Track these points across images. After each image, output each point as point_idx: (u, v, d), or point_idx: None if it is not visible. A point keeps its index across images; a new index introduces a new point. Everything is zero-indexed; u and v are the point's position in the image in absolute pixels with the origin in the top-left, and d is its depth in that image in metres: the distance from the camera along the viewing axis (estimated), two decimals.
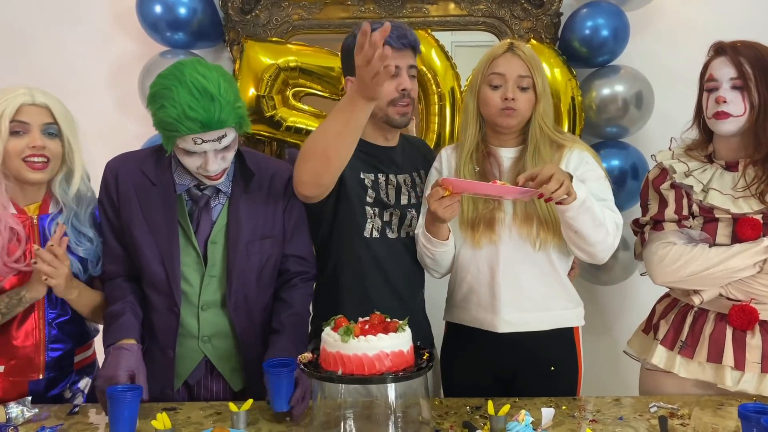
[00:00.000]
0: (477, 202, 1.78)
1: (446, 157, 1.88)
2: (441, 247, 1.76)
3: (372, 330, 1.40)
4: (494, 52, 1.80)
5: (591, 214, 1.63)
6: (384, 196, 1.85)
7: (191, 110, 1.51)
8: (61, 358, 1.74)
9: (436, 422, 1.53)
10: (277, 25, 2.58)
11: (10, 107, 1.62)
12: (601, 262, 1.75)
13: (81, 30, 2.68)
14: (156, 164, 1.71)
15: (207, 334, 1.71)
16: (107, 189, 1.72)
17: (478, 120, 1.82)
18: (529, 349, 1.79)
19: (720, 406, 1.61)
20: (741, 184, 1.67)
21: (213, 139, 1.57)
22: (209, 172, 1.61)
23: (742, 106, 1.65)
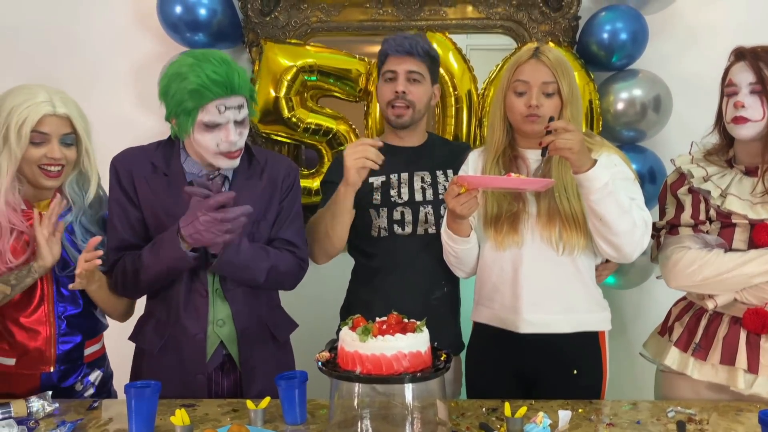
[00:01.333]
0: (501, 203, 1.79)
1: (473, 160, 1.90)
2: (463, 245, 1.78)
3: (390, 330, 1.40)
4: (519, 58, 1.81)
5: (615, 199, 1.63)
6: (395, 195, 1.91)
7: (215, 74, 1.60)
8: (71, 351, 1.76)
9: (453, 423, 1.53)
10: (295, 27, 2.59)
11: (32, 117, 1.65)
12: (629, 258, 1.72)
13: (103, 30, 2.71)
14: (164, 156, 1.76)
15: (221, 318, 1.75)
16: (121, 183, 1.74)
17: (504, 125, 1.83)
18: (551, 351, 1.78)
19: (739, 412, 1.60)
20: (759, 190, 1.67)
21: (234, 107, 1.65)
22: (231, 145, 1.66)
23: (761, 111, 1.65)
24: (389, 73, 1.92)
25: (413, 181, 1.94)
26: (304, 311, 2.04)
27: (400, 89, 1.89)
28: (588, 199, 1.64)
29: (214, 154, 1.68)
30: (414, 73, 1.90)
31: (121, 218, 1.75)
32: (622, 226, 1.65)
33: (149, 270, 1.68)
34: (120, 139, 2.61)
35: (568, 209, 1.74)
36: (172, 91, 1.63)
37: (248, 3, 2.56)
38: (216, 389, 1.78)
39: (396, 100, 1.90)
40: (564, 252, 1.75)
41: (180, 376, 1.72)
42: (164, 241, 1.66)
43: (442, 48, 2.52)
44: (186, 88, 1.60)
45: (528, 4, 2.55)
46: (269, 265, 1.75)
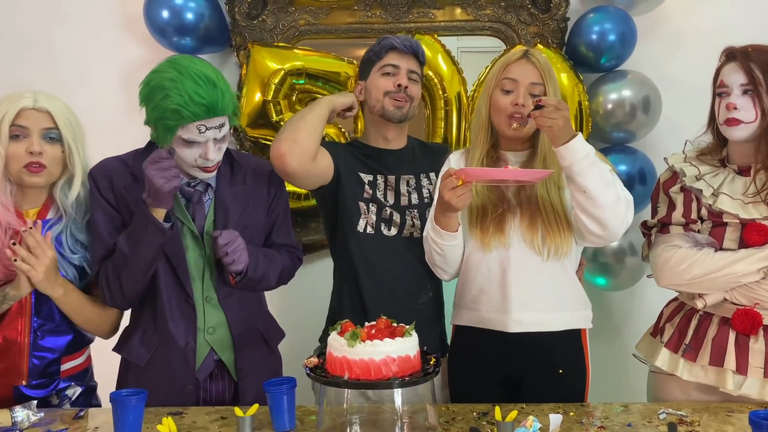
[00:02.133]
0: (486, 204, 1.78)
1: (455, 161, 1.90)
2: (450, 240, 1.76)
3: (378, 335, 1.39)
4: (509, 57, 1.82)
5: (599, 169, 1.63)
6: (381, 197, 1.90)
7: (198, 96, 1.56)
8: (46, 366, 1.73)
9: (443, 428, 1.52)
10: (283, 30, 2.58)
11: (10, 111, 1.64)
12: (614, 236, 1.71)
13: (90, 35, 2.70)
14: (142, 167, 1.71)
15: (211, 325, 1.74)
16: (102, 192, 1.71)
17: (488, 126, 1.83)
18: (538, 350, 1.78)
19: (729, 413, 1.59)
20: (752, 190, 1.66)
21: (215, 126, 1.63)
22: (208, 161, 1.65)
23: (753, 112, 1.64)
24: (390, 68, 1.90)
25: (399, 184, 1.93)
26: (290, 318, 2.03)
27: (404, 82, 1.88)
28: (571, 171, 1.63)
29: (191, 167, 1.67)
30: (414, 73, 1.92)
31: (107, 225, 1.72)
32: (606, 197, 1.64)
33: (129, 260, 1.64)
34: (107, 145, 2.59)
35: (551, 212, 1.75)
36: (153, 104, 1.60)
37: (235, 6, 2.55)
38: (205, 396, 1.77)
39: (397, 93, 1.88)
40: (549, 257, 1.75)
41: (168, 387, 1.70)
42: (135, 221, 1.64)
43: (431, 50, 2.51)
44: (168, 106, 1.56)
45: (516, 5, 2.55)
46: (280, 269, 1.80)
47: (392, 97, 1.88)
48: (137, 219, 1.64)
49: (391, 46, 1.91)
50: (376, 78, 1.92)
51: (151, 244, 1.64)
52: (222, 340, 1.75)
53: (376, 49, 1.93)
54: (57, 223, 1.72)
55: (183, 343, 1.71)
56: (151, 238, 1.62)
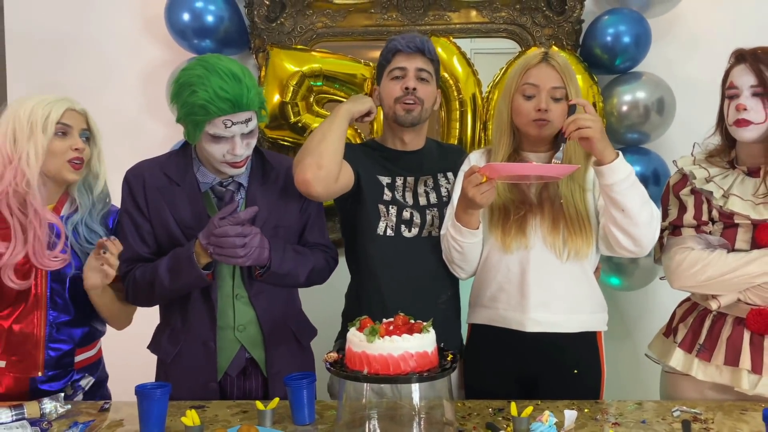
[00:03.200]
0: (509, 205, 1.79)
1: (476, 161, 1.91)
2: (471, 238, 1.77)
3: (397, 331, 1.42)
4: (528, 61, 1.81)
5: (639, 189, 1.64)
6: (401, 198, 1.91)
7: (222, 91, 1.60)
8: (61, 357, 1.77)
9: (460, 423, 1.55)
10: (301, 33, 2.62)
11: (56, 110, 1.71)
12: (645, 250, 1.72)
13: (111, 37, 2.75)
14: (177, 166, 1.78)
15: (242, 323, 1.78)
16: (134, 196, 1.77)
17: (511, 129, 1.83)
18: (554, 351, 1.80)
19: (744, 411, 1.61)
20: (762, 190, 1.68)
21: (241, 121, 1.66)
22: (236, 157, 1.68)
23: (763, 113, 1.66)
24: (398, 71, 1.88)
25: (417, 185, 1.94)
26: (316, 313, 2.05)
27: (411, 85, 1.86)
28: (612, 191, 1.63)
29: (220, 163, 1.71)
30: (423, 71, 1.88)
31: (132, 232, 1.77)
32: (643, 216, 1.66)
33: (164, 284, 1.70)
34: (128, 145, 2.66)
35: (573, 214, 1.75)
36: (181, 100, 1.66)
37: (254, 9, 2.59)
38: (238, 394, 1.80)
39: (406, 96, 1.86)
40: (569, 258, 1.76)
41: (192, 384, 1.74)
42: (181, 260, 1.68)
43: (446, 52, 2.54)
44: (194, 101, 1.62)
45: (531, 8, 2.58)
46: (310, 267, 1.81)
47: (402, 102, 1.87)
48: (184, 259, 1.67)
49: (396, 49, 1.88)
50: (386, 83, 1.91)
51: (190, 285, 1.71)
52: (252, 337, 1.79)
53: (384, 52, 1.93)
54: (72, 216, 1.78)
55: (204, 341, 1.75)
56: (192, 281, 1.68)
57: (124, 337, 1.95)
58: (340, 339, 1.95)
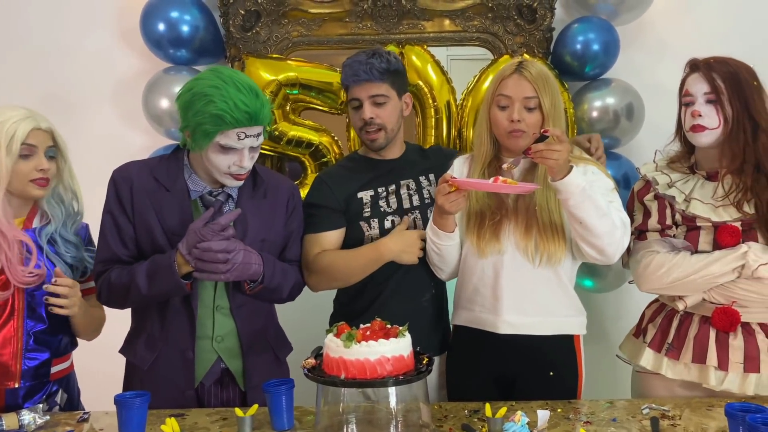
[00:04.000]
0: (485, 211, 1.84)
1: (459, 166, 1.96)
2: (447, 241, 1.83)
3: (373, 336, 1.45)
4: (503, 72, 1.85)
5: (594, 202, 1.68)
6: (384, 205, 1.95)
7: (242, 104, 1.62)
8: (38, 368, 1.78)
9: (436, 425, 1.58)
10: (277, 42, 2.64)
11: (21, 131, 1.71)
12: (612, 259, 1.76)
13: (88, 47, 2.75)
14: (168, 171, 1.78)
15: (220, 334, 1.78)
16: (119, 197, 1.75)
17: (491, 137, 1.88)
18: (530, 352, 1.84)
19: (710, 408, 1.66)
20: (720, 193, 1.74)
21: (254, 135, 1.68)
22: (242, 169, 1.70)
23: (717, 119, 1.73)
24: (354, 102, 1.94)
25: (400, 190, 1.98)
26: (294, 326, 2.07)
27: (367, 116, 1.90)
28: (567, 205, 1.69)
29: (223, 174, 1.71)
30: (376, 96, 1.91)
31: (113, 233, 1.76)
32: (601, 227, 1.70)
33: (141, 290, 1.70)
34: (104, 156, 2.65)
35: (547, 220, 1.80)
36: (194, 109, 1.64)
37: (230, 19, 2.60)
38: (215, 403, 1.81)
39: (366, 126, 1.92)
40: (541, 263, 1.80)
41: (169, 392, 1.74)
42: (160, 267, 1.68)
43: (420, 60, 2.58)
44: (210, 111, 1.61)
45: (503, 16, 2.62)
46: (293, 283, 1.85)
47: (365, 132, 1.93)
48: (164, 267, 1.66)
49: (346, 84, 1.95)
50: (350, 112, 1.99)
51: (168, 293, 1.72)
52: (230, 348, 1.79)
53: (341, 82, 1.99)
54: (44, 229, 1.80)
55: (182, 349, 1.76)
56: (170, 289, 1.69)
57: (93, 346, 1.96)
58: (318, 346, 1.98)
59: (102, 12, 2.73)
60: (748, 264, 1.67)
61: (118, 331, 1.91)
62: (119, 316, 1.89)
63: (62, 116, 2.66)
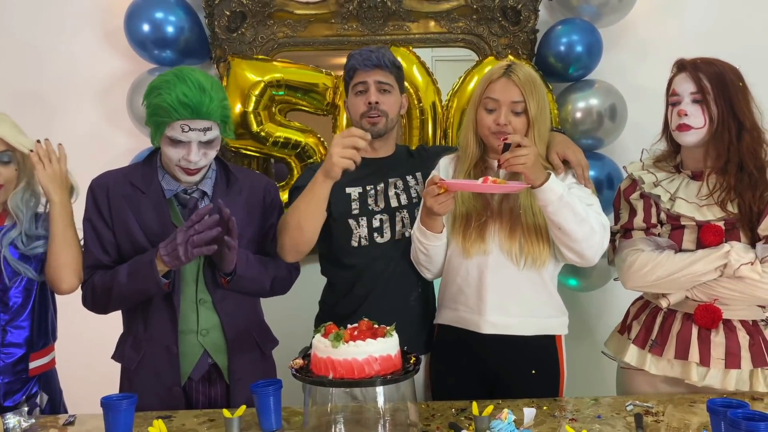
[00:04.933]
0: (471, 212, 1.85)
1: (444, 166, 1.97)
2: (435, 241, 1.84)
3: (361, 336, 1.46)
4: (492, 75, 1.86)
5: (572, 209, 1.70)
6: (372, 204, 1.96)
7: (184, 96, 1.67)
8: (15, 363, 1.77)
9: (424, 424, 1.59)
10: (262, 43, 2.64)
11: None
12: (591, 262, 1.79)
13: (71, 48, 2.73)
14: (143, 175, 1.82)
15: (205, 327, 1.80)
16: (97, 204, 1.80)
17: (477, 138, 1.89)
18: (512, 352, 1.85)
19: (692, 404, 1.69)
20: (705, 193, 1.77)
21: (199, 129, 1.71)
22: (190, 163, 1.73)
23: (702, 118, 1.75)
24: (360, 86, 1.95)
25: (388, 189, 1.99)
26: (282, 324, 2.07)
27: (373, 99, 1.92)
28: (546, 211, 1.72)
29: (175, 167, 1.76)
30: (383, 83, 1.94)
31: (93, 240, 1.81)
32: (579, 233, 1.73)
33: (122, 288, 1.74)
34: (89, 157, 2.63)
35: (531, 223, 1.82)
36: (148, 102, 1.73)
37: (215, 19, 2.60)
38: (203, 400, 1.82)
39: (369, 111, 1.93)
40: (526, 265, 1.82)
41: (157, 389, 1.76)
42: (141, 264, 1.72)
43: (406, 62, 2.59)
44: (157, 102, 1.69)
45: (488, 18, 2.64)
46: (274, 274, 1.86)
47: (367, 117, 1.94)
48: (145, 263, 1.71)
49: (354, 67, 1.95)
50: (351, 98, 1.99)
51: (147, 290, 1.74)
52: (216, 342, 1.82)
53: (346, 69, 2.00)
54: (11, 230, 1.80)
55: (166, 345, 1.77)
56: (149, 286, 1.72)
57: (78, 346, 1.95)
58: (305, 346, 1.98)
59: (86, 12, 2.72)
60: (730, 263, 1.70)
61: (103, 332, 1.91)
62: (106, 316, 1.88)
63: (46, 117, 2.68)
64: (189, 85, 1.68)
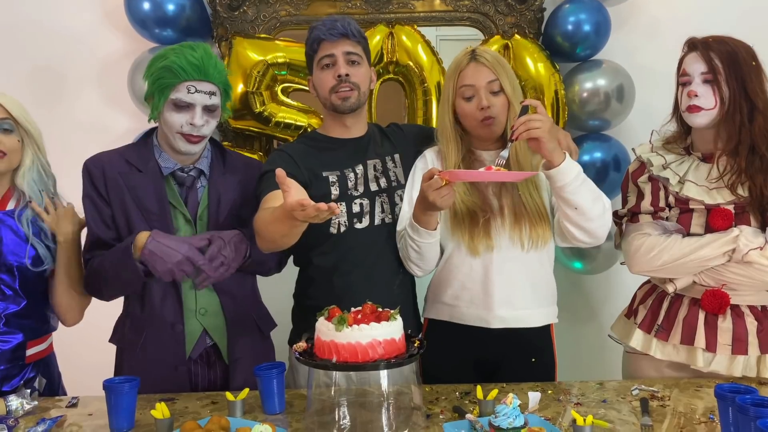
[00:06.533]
0: (475, 209, 1.80)
1: (431, 159, 1.91)
2: (428, 238, 1.77)
3: (364, 319, 1.45)
4: (459, 64, 1.82)
5: (589, 186, 1.69)
6: (352, 188, 1.88)
7: (192, 57, 1.71)
8: (12, 351, 1.76)
9: (427, 407, 1.58)
10: (264, 21, 2.60)
11: None
12: (600, 240, 1.78)
13: (71, 27, 2.69)
14: (139, 153, 1.82)
15: (203, 306, 1.80)
16: (94, 182, 1.79)
17: (456, 133, 1.85)
18: (516, 343, 1.84)
19: (699, 388, 1.67)
20: (714, 175, 1.74)
21: (204, 92, 1.74)
22: (193, 128, 1.73)
23: (713, 99, 1.72)
24: (326, 59, 1.84)
25: (367, 171, 1.92)
26: (279, 307, 2.06)
27: (342, 72, 1.82)
28: (563, 191, 1.67)
29: (176, 134, 1.75)
30: (352, 54, 1.84)
31: (94, 216, 1.79)
32: (596, 210, 1.71)
33: (108, 274, 1.74)
34: (89, 137, 2.61)
35: (532, 204, 1.79)
36: (152, 69, 1.74)
37: None
38: (201, 382, 1.81)
39: (339, 84, 1.83)
40: (532, 248, 1.80)
41: (160, 369, 1.75)
42: (119, 250, 1.72)
43: (411, 40, 2.55)
44: (163, 64, 1.72)
45: None
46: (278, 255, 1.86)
47: (337, 91, 1.84)
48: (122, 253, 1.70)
49: (319, 38, 1.84)
50: (317, 73, 1.88)
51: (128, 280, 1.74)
52: (215, 323, 1.81)
53: (309, 42, 1.89)
54: (23, 213, 1.78)
55: (170, 324, 1.77)
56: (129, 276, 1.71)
57: (77, 331, 1.94)
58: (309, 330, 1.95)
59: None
60: (739, 248, 1.67)
61: (102, 315, 1.90)
62: None
63: (45, 98, 2.65)
64: (196, 49, 1.73)
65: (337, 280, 1.87)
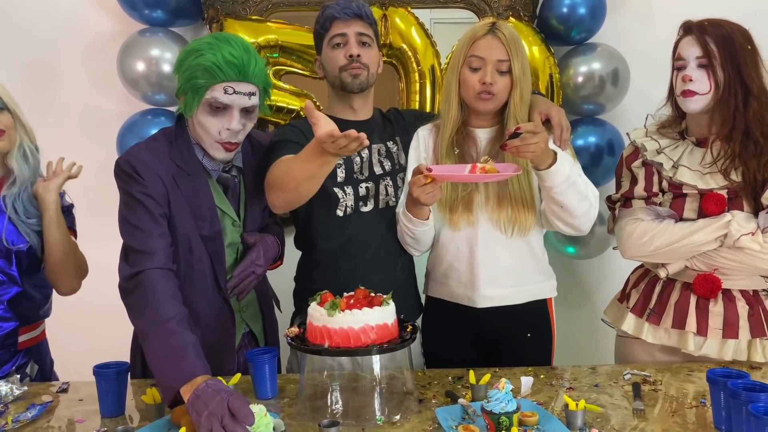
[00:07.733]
0: (456, 185, 1.81)
1: (424, 138, 1.91)
2: (422, 227, 1.80)
3: (357, 304, 1.44)
4: (476, 33, 1.80)
5: (576, 188, 1.69)
6: (357, 172, 1.88)
7: (231, 56, 1.58)
8: (5, 337, 1.75)
9: (420, 392, 1.58)
10: (256, 3, 2.57)
11: None
12: (584, 232, 1.80)
13: (58, 8, 2.65)
14: (182, 154, 1.68)
15: (244, 304, 1.81)
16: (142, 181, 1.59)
17: (458, 101, 1.83)
18: (507, 319, 1.85)
19: (690, 372, 1.68)
20: (708, 160, 1.73)
21: (243, 93, 1.62)
22: (232, 134, 1.63)
23: (708, 84, 1.70)
24: (338, 38, 1.84)
25: (372, 154, 1.92)
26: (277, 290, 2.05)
27: (354, 52, 1.82)
28: (550, 191, 1.68)
29: (213, 142, 1.64)
30: (364, 35, 1.85)
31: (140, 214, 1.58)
32: (580, 209, 1.72)
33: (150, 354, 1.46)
34: (77, 121, 2.58)
35: (518, 190, 1.79)
36: (186, 65, 1.61)
37: None
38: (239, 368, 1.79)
39: (350, 63, 1.83)
40: (514, 233, 1.80)
41: None
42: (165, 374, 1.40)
43: (404, 23, 2.52)
44: (200, 64, 1.58)
45: None
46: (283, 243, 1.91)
47: (348, 69, 1.83)
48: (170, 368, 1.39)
49: (333, 17, 1.83)
50: (328, 52, 1.87)
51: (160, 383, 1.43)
52: (254, 314, 1.84)
53: (321, 21, 1.88)
54: (9, 190, 1.76)
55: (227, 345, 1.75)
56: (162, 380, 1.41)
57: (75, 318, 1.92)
58: (301, 314, 1.96)
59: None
60: (731, 234, 1.67)
61: (96, 302, 1.89)
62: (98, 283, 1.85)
63: (33, 80, 2.61)
64: (234, 45, 1.59)
65: (343, 264, 1.87)
